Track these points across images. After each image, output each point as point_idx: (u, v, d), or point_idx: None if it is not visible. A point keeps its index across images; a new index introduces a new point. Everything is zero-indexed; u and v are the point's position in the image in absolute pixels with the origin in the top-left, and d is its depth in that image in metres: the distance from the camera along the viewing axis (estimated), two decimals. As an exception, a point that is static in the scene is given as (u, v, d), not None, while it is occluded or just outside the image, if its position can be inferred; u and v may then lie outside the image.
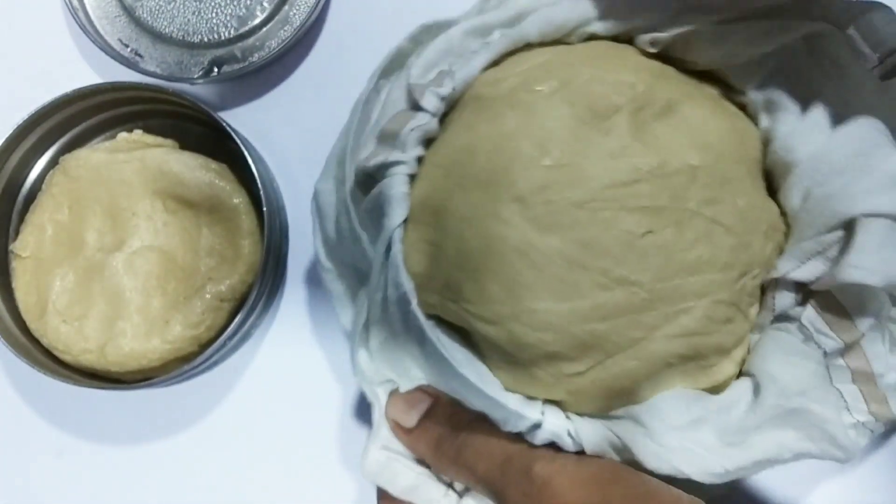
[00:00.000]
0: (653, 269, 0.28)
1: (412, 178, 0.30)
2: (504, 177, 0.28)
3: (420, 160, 0.31)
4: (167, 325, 0.38)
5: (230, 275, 0.39)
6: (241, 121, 0.42)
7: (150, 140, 0.41)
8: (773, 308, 0.30)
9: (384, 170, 0.30)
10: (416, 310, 0.29)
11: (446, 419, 0.31)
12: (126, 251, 0.39)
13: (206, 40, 0.42)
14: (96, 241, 0.39)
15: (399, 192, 0.30)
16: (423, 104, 0.30)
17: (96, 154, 0.40)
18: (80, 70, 0.44)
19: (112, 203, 0.39)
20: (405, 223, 0.30)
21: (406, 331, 0.30)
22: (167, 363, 0.38)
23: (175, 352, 0.38)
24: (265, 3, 0.42)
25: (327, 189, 0.34)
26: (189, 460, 0.41)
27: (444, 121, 0.31)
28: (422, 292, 0.29)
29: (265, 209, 0.37)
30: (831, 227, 0.29)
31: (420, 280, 0.30)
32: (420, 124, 0.30)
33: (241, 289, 0.39)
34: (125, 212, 0.39)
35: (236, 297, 0.39)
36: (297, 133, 0.42)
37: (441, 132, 0.31)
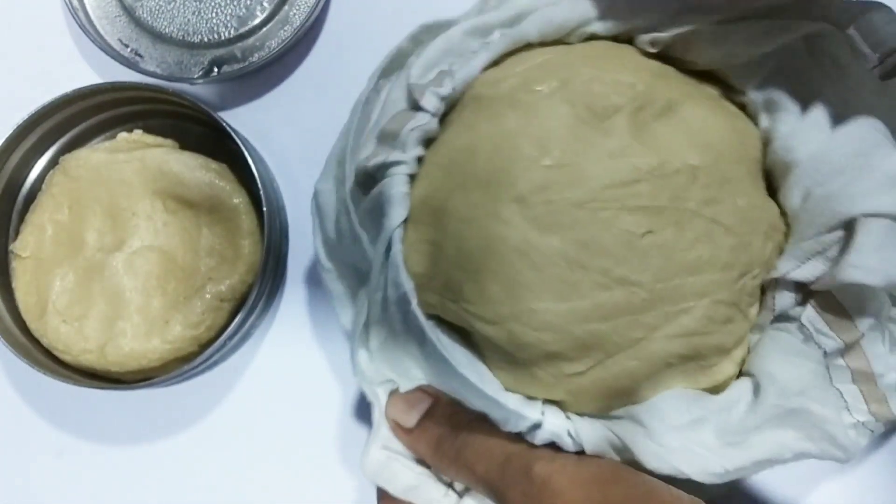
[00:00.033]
0: (653, 269, 0.28)
1: (412, 178, 0.30)
2: (504, 177, 0.28)
3: (420, 160, 0.31)
4: (167, 325, 0.38)
5: (230, 275, 0.39)
6: (241, 121, 0.42)
7: (150, 140, 0.41)
8: (773, 308, 0.30)
9: (384, 170, 0.30)
10: (416, 310, 0.29)
11: (446, 419, 0.31)
12: (126, 251, 0.39)
13: (206, 40, 0.42)
14: (96, 241, 0.39)
15: (399, 192, 0.29)
16: (423, 104, 0.30)
17: (96, 154, 0.40)
18: (80, 70, 0.44)
19: (112, 203, 0.39)
20: (405, 223, 0.30)
21: (406, 331, 0.30)
22: (167, 363, 0.38)
23: (175, 352, 0.38)
24: (265, 3, 0.42)
25: (327, 189, 0.34)
26: (189, 460, 0.41)
27: (444, 121, 0.31)
28: (422, 292, 0.29)
29: (265, 209, 0.37)
30: (831, 227, 0.29)
31: (420, 280, 0.30)
32: (420, 124, 0.30)
33: (241, 289, 0.39)
34: (125, 212, 0.39)
35: (236, 297, 0.39)
36: (297, 133, 0.42)
37: (441, 132, 0.31)
